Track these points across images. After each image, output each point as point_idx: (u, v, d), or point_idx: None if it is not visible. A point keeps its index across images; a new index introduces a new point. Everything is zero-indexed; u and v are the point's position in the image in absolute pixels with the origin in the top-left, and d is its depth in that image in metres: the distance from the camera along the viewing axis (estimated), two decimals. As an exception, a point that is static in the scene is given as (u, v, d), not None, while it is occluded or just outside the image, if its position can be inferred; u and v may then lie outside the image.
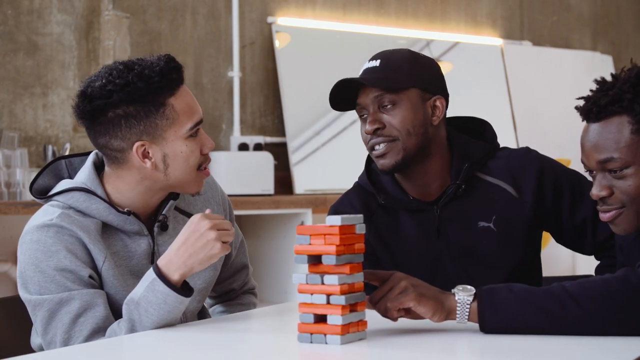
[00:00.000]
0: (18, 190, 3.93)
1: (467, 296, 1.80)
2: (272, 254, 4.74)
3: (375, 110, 2.23)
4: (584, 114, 1.89)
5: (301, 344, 1.75)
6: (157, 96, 2.02)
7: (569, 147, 6.31)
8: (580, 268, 5.92)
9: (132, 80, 2.01)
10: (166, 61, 2.05)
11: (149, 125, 2.03)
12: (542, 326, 1.76)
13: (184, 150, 2.05)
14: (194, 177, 2.08)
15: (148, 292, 1.94)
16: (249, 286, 2.47)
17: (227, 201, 2.33)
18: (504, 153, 2.35)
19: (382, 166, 2.25)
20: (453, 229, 2.29)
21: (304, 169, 5.11)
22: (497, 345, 1.72)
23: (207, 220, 1.95)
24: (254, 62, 5.13)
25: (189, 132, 2.05)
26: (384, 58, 2.26)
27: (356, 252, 1.77)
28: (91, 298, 1.99)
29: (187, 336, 1.91)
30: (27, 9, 4.29)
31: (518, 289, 1.79)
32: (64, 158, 2.20)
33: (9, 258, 4.02)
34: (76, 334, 1.97)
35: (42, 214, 2.06)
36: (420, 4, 5.92)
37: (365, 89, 2.23)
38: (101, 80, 2.02)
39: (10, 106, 4.23)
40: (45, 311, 1.98)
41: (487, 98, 6.00)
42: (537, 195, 2.30)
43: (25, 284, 2.02)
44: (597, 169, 1.88)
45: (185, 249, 1.95)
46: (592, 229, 2.32)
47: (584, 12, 6.92)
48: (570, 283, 1.78)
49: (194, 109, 2.07)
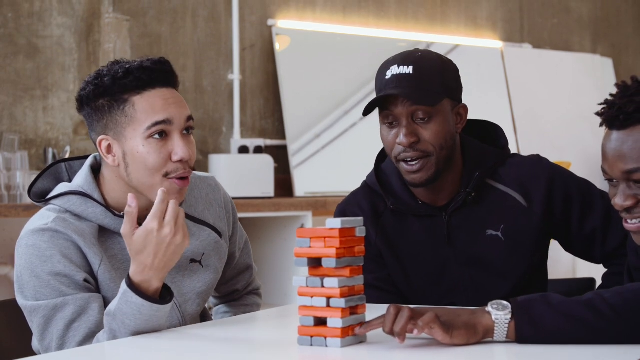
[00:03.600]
0: (18, 193, 3.93)
1: (504, 315, 1.71)
2: (272, 256, 4.74)
3: (410, 123, 2.19)
4: (608, 121, 1.79)
5: (301, 347, 1.74)
6: (122, 92, 2.01)
7: (569, 150, 6.31)
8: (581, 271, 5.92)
9: (102, 74, 2.03)
10: (152, 62, 2.04)
11: (111, 121, 2.03)
12: (582, 338, 1.69)
13: (140, 150, 2.01)
14: (158, 182, 2.02)
15: (122, 304, 1.91)
16: (254, 286, 2.46)
17: (231, 204, 2.31)
18: (515, 161, 2.33)
19: (413, 180, 2.22)
20: (461, 236, 2.28)
21: (304, 171, 5.11)
22: (503, 350, 1.72)
23: (166, 227, 1.88)
24: (254, 65, 5.13)
25: (147, 131, 2.00)
26: (416, 64, 2.20)
27: (356, 255, 1.77)
28: (85, 303, 1.98)
29: (186, 339, 1.90)
30: (28, 11, 4.30)
31: (556, 301, 1.71)
32: (64, 161, 2.20)
33: (8, 261, 4.01)
34: (70, 340, 1.97)
35: (38, 218, 2.05)
36: (421, 6, 5.92)
37: (398, 99, 2.18)
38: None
39: (11, 109, 4.23)
40: (41, 317, 1.98)
41: (487, 100, 6.00)
42: (547, 205, 2.28)
43: (21, 288, 2.01)
44: (622, 179, 1.79)
45: (159, 261, 1.89)
46: (602, 239, 2.31)
47: (584, 15, 6.92)
48: (610, 293, 1.71)
49: (157, 109, 2.01)
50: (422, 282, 2.31)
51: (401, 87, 2.18)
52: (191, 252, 2.15)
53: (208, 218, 2.22)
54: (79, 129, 4.42)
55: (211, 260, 2.19)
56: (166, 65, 2.06)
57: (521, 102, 6.21)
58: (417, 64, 2.20)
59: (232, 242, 2.32)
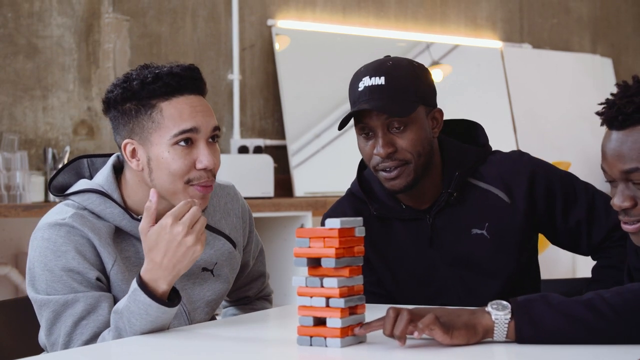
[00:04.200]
0: (18, 193, 3.93)
1: (504, 315, 1.71)
2: (272, 256, 4.74)
3: (385, 133, 2.19)
4: (608, 121, 1.78)
5: (301, 347, 1.74)
6: (149, 97, 2.01)
7: (569, 150, 6.31)
8: (580, 271, 5.92)
9: (131, 78, 2.03)
10: (182, 68, 2.03)
11: (137, 125, 2.02)
12: (582, 338, 1.69)
13: (165, 156, 2.01)
14: (180, 189, 2.02)
15: (130, 303, 1.91)
16: (265, 293, 2.46)
17: (248, 213, 2.31)
18: (496, 158, 2.33)
19: (392, 187, 2.22)
20: (446, 237, 2.29)
21: (304, 171, 5.11)
22: (503, 350, 1.72)
23: (179, 226, 1.88)
24: (253, 65, 5.13)
25: (173, 138, 2.00)
26: (388, 74, 2.19)
27: (356, 255, 1.77)
28: (96, 301, 1.98)
29: (187, 339, 1.90)
30: (27, 11, 4.30)
31: (556, 301, 1.71)
32: (86, 157, 2.19)
33: (9, 261, 4.01)
34: (77, 337, 1.97)
35: (56, 212, 2.05)
36: (420, 6, 5.92)
37: (372, 112, 2.18)
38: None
39: (10, 109, 4.23)
40: (51, 312, 1.98)
41: (487, 101, 6.00)
42: (530, 200, 2.28)
43: (33, 280, 2.01)
44: (620, 179, 1.79)
45: (169, 261, 1.89)
46: (587, 231, 2.32)
47: (584, 15, 6.92)
48: (610, 293, 1.71)
49: (184, 117, 2.01)
50: (411, 286, 2.31)
51: (374, 99, 2.16)
52: (204, 261, 2.15)
53: (224, 228, 2.21)
54: (79, 129, 4.42)
55: (223, 271, 2.19)
56: (195, 72, 2.05)
57: (521, 102, 6.21)
58: (389, 74, 2.19)
59: (247, 251, 2.32)
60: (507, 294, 2.24)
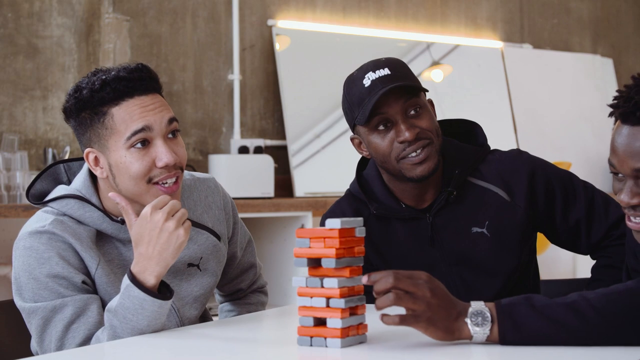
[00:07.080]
0: (18, 193, 3.93)
1: (482, 331, 1.71)
2: (272, 256, 4.74)
3: (405, 119, 2.19)
4: (623, 115, 1.72)
5: (301, 347, 1.74)
6: (100, 105, 2.00)
7: (569, 150, 6.31)
8: (581, 271, 5.92)
9: (81, 87, 2.01)
10: (128, 70, 2.01)
11: (94, 133, 2.02)
12: (565, 341, 1.69)
13: (124, 161, 2.00)
14: (145, 190, 2.01)
15: (124, 299, 1.91)
16: (259, 284, 2.46)
17: (230, 204, 2.30)
18: (495, 156, 2.34)
19: (421, 173, 2.21)
20: (447, 236, 2.29)
21: (304, 171, 5.11)
22: (501, 350, 1.72)
23: (159, 213, 1.91)
24: (254, 65, 5.13)
25: (127, 142, 1.99)
26: (390, 65, 2.21)
27: (356, 255, 1.77)
28: (84, 304, 1.98)
29: (185, 339, 1.90)
30: (27, 12, 4.30)
31: (539, 304, 1.71)
32: (62, 162, 2.19)
33: (8, 261, 4.01)
34: (69, 341, 1.96)
35: (36, 220, 2.05)
36: (420, 6, 5.92)
37: (389, 99, 2.18)
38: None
39: (10, 109, 4.23)
40: (40, 319, 1.98)
41: (487, 101, 5.99)
42: (529, 198, 2.29)
43: (19, 290, 2.01)
44: (630, 176, 1.73)
45: (152, 249, 1.91)
46: (586, 230, 2.32)
47: (584, 15, 6.92)
48: (594, 295, 1.70)
49: (134, 118, 1.99)
50: None
51: (390, 83, 2.17)
52: (189, 256, 2.15)
53: (207, 221, 2.21)
54: (79, 129, 4.42)
55: (209, 264, 2.19)
56: (143, 71, 2.03)
57: (521, 102, 6.20)
58: (391, 65, 2.22)
59: (233, 242, 2.31)
60: (507, 292, 2.25)
